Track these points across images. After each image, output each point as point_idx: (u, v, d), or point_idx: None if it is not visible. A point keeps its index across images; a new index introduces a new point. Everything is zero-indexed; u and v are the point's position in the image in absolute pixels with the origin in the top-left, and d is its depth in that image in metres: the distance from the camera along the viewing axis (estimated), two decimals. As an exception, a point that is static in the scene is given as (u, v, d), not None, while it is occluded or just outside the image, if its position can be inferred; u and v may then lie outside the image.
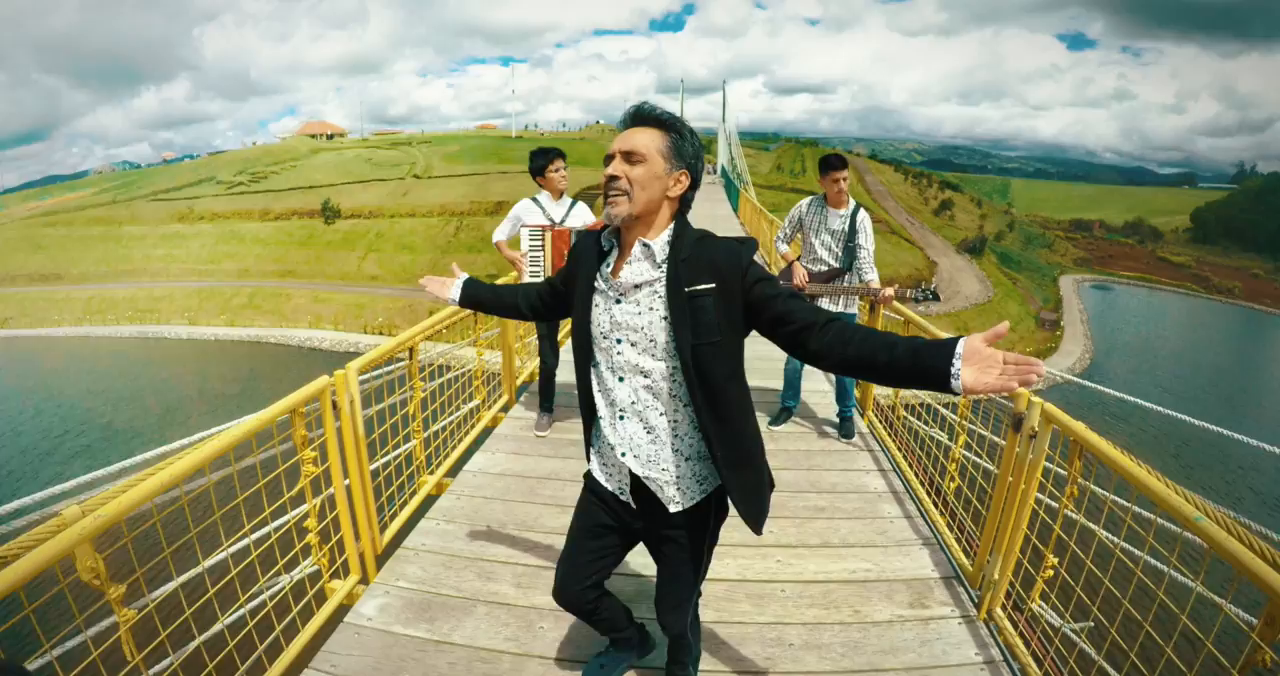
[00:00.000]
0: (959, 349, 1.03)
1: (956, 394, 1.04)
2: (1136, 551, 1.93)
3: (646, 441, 1.38)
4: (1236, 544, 1.39)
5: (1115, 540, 1.97)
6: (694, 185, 1.33)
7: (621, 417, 1.38)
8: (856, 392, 3.98)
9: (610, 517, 1.51)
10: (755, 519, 1.41)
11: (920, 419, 3.61)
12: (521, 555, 2.46)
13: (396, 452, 2.86)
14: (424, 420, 3.03)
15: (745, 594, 2.30)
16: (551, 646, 1.99)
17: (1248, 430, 3.11)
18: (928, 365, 1.06)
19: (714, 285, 1.25)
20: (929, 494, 3.12)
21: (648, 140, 1.29)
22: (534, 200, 3.59)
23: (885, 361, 1.11)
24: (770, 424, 3.86)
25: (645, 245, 1.30)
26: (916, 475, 3.34)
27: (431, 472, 3.08)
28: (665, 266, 1.30)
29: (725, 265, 1.26)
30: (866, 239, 3.61)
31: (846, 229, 3.61)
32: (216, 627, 1.76)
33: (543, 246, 3.39)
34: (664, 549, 1.50)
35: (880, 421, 3.95)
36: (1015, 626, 2.18)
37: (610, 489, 1.48)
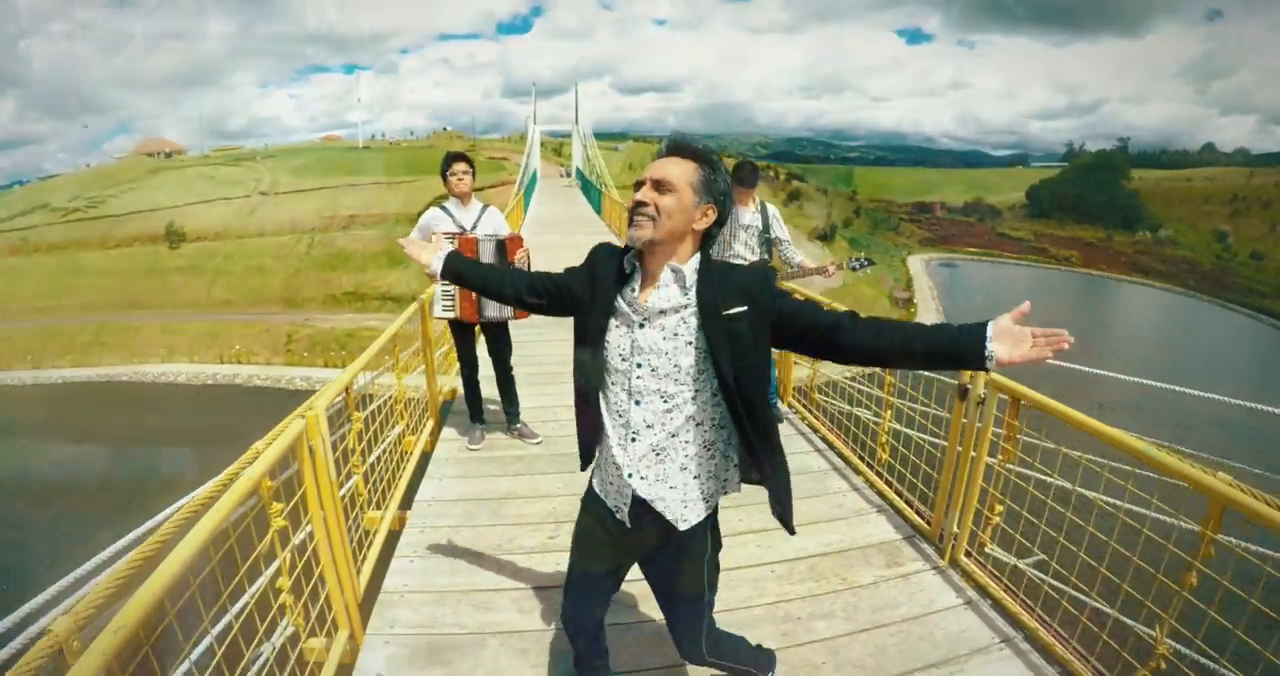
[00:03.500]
0: (990, 329, 1.14)
1: (989, 370, 1.14)
2: (1084, 491, 2.23)
3: (655, 462, 1.38)
4: (1184, 465, 1.73)
5: (1071, 486, 2.26)
6: (720, 221, 1.35)
7: (634, 440, 1.38)
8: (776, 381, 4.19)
9: (609, 537, 1.51)
10: (787, 520, 1.47)
11: (844, 398, 3.90)
12: (512, 580, 2.40)
13: (344, 491, 2.67)
14: (361, 453, 2.86)
15: (742, 580, 2.40)
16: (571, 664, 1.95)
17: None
18: (963, 347, 1.15)
19: (746, 308, 1.29)
20: (867, 466, 3.35)
21: (680, 172, 1.30)
22: (443, 207, 3.47)
23: (920, 348, 1.20)
24: None
25: (675, 270, 1.32)
26: (852, 451, 3.59)
27: (384, 508, 2.91)
28: (693, 292, 1.32)
29: (755, 288, 1.31)
30: (781, 228, 3.89)
31: (760, 224, 3.83)
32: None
33: None
34: (665, 571, 1.52)
35: (796, 401, 4.22)
36: (982, 569, 2.43)
37: (609, 506, 1.48)
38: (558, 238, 13.49)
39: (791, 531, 1.47)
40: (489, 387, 3.85)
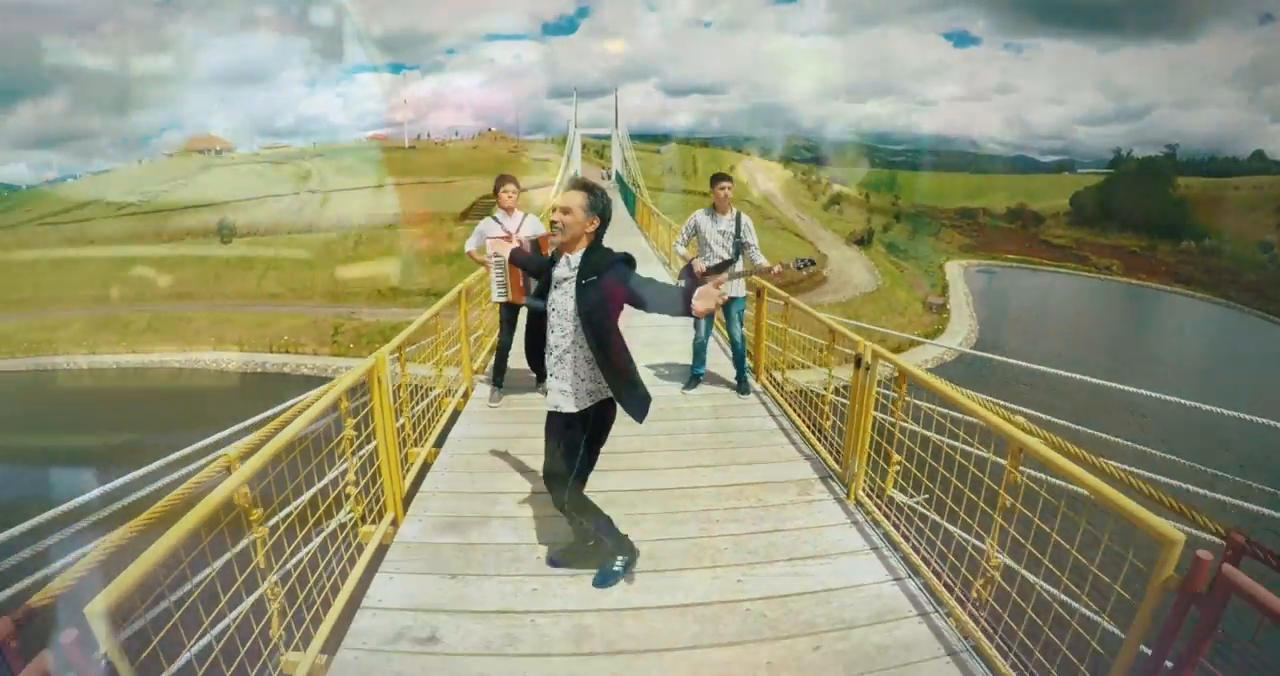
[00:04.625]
0: (696, 292, 2.07)
1: (693, 315, 2.07)
2: (943, 439, 2.97)
3: (561, 368, 2.35)
4: (984, 411, 2.43)
5: (939, 437, 3.00)
6: (603, 225, 2.32)
7: (550, 354, 2.38)
8: (749, 361, 5.05)
9: (551, 419, 2.44)
10: (636, 411, 2.31)
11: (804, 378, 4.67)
12: (514, 487, 3.28)
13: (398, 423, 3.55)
14: (409, 397, 3.74)
15: (681, 496, 3.22)
16: (554, 537, 2.80)
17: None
18: (679, 303, 2.11)
19: (596, 277, 2.22)
20: (809, 428, 4.11)
21: (576, 201, 2.27)
22: (494, 218, 4.52)
23: (665, 302, 2.17)
24: (684, 389, 4.86)
25: (567, 258, 2.33)
26: (799, 416, 4.36)
27: (423, 444, 3.79)
28: (576, 270, 2.27)
29: (606, 267, 2.24)
30: (751, 234, 4.72)
31: (733, 229, 4.66)
32: (309, 548, 2.44)
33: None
34: (557, 438, 2.43)
35: (768, 381, 5.01)
36: (872, 501, 3.17)
37: (550, 399, 2.41)
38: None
39: (639, 421, 2.32)
40: (514, 362, 4.74)
